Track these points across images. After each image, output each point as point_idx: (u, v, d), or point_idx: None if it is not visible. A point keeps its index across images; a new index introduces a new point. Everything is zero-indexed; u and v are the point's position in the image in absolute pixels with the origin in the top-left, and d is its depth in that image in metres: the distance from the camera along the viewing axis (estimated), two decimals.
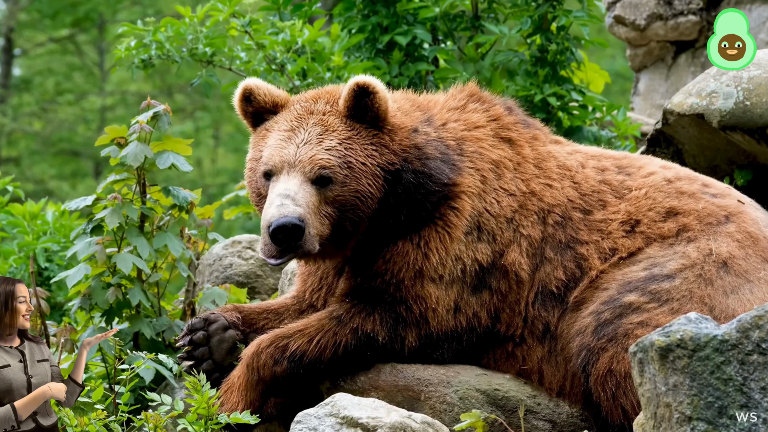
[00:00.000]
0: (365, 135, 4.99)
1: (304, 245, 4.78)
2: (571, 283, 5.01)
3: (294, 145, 4.95)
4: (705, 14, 10.30)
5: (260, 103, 5.17)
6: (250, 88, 5.16)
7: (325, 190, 4.88)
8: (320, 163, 4.88)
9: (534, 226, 5.09)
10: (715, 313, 4.71)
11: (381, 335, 4.96)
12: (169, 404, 4.72)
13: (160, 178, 6.00)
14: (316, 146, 4.92)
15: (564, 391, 4.98)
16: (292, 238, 4.74)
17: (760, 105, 5.84)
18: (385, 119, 5.01)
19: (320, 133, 4.96)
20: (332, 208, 4.89)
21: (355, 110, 5.00)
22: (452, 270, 5.01)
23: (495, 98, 5.40)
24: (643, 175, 5.21)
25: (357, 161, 4.93)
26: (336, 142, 4.94)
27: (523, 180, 5.17)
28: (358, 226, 4.96)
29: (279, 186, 4.86)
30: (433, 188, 5.02)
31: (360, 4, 7.57)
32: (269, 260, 4.83)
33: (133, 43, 7.71)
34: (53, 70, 22.99)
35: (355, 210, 4.93)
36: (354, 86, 4.98)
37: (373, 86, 4.97)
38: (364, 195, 4.92)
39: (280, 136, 5.01)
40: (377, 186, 4.96)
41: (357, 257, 5.11)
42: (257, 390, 4.97)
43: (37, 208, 8.26)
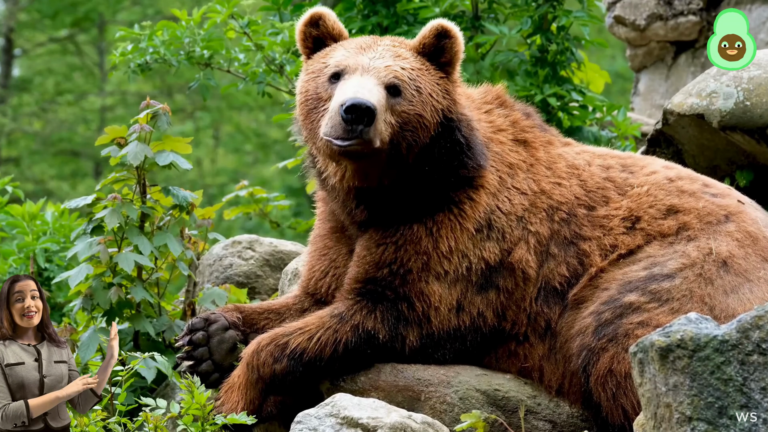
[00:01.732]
0: (434, 73, 5.09)
1: (370, 132, 4.79)
2: (573, 280, 5.03)
3: (367, 57, 5.02)
4: (705, 14, 10.30)
5: (328, 29, 5.23)
6: (321, 13, 5.23)
7: (394, 101, 4.93)
8: (395, 72, 4.97)
9: (542, 223, 5.12)
10: (715, 313, 4.71)
11: (382, 333, 4.97)
12: (164, 408, 4.72)
13: (160, 178, 6.01)
14: (390, 59, 5.02)
15: (563, 390, 4.99)
16: (362, 120, 4.76)
17: (760, 105, 5.84)
18: (455, 68, 5.15)
19: (393, 56, 5.05)
20: (395, 119, 4.93)
21: (431, 49, 5.10)
22: (457, 267, 5.02)
23: (516, 104, 5.49)
24: (646, 174, 5.24)
25: (425, 89, 5.01)
26: (408, 66, 5.03)
27: (535, 180, 5.22)
28: (411, 149, 4.99)
29: (353, 79, 4.91)
30: (470, 163, 5.10)
31: (360, 4, 7.58)
32: (335, 141, 4.82)
33: (129, 47, 7.70)
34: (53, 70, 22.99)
35: (414, 132, 4.97)
36: (437, 25, 5.10)
37: (454, 31, 5.11)
38: (424, 121, 4.98)
39: (351, 51, 5.07)
40: (435, 122, 5.03)
41: (373, 220, 5.11)
42: (257, 388, 4.98)
43: (36, 208, 8.25)
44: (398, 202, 5.08)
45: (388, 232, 5.08)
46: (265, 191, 8.24)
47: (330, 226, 5.42)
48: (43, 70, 23.02)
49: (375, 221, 5.14)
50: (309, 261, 5.45)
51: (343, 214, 5.25)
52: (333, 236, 5.40)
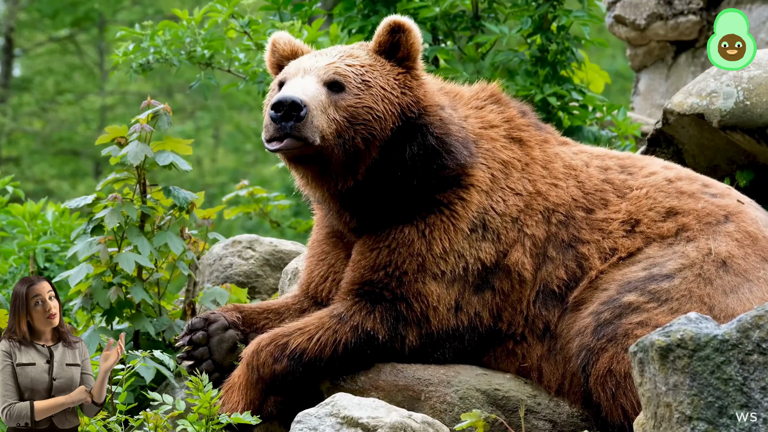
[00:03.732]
0: (390, 69, 5.06)
1: (303, 129, 4.76)
2: (572, 283, 5.02)
3: (312, 61, 5.03)
4: (705, 14, 10.30)
5: (280, 52, 5.27)
6: (274, 41, 5.30)
7: (337, 97, 4.91)
8: (335, 69, 4.95)
9: (538, 226, 5.10)
10: (714, 313, 4.71)
11: (381, 333, 4.97)
12: (170, 404, 4.72)
13: (160, 178, 6.00)
14: (335, 59, 5.01)
15: (563, 390, 4.99)
16: (290, 117, 4.74)
17: (760, 105, 5.84)
18: (415, 61, 5.11)
19: (342, 56, 5.05)
20: (341, 115, 4.90)
21: (386, 46, 5.08)
22: (454, 267, 5.01)
23: (512, 101, 5.44)
24: (645, 175, 5.22)
25: (376, 82, 4.98)
26: (357, 63, 5.02)
27: (530, 180, 5.18)
28: (369, 145, 4.95)
29: (290, 82, 4.93)
30: (449, 164, 5.06)
31: (360, 4, 7.57)
32: (267, 145, 4.83)
33: (131, 47, 7.71)
34: (53, 69, 22.99)
35: (367, 126, 4.93)
36: (390, 21, 5.09)
37: (408, 25, 5.08)
38: (377, 114, 4.94)
39: (301, 60, 5.11)
40: (393, 115, 4.98)
41: (366, 239, 5.09)
42: (257, 388, 4.98)
43: (37, 208, 8.25)
44: (383, 205, 5.07)
45: (380, 236, 5.07)
46: (265, 191, 8.25)
47: (327, 232, 5.42)
48: (43, 69, 23.02)
49: (367, 227, 5.13)
50: (307, 266, 5.45)
51: (335, 220, 5.25)
52: (330, 241, 5.39)
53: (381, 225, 5.08)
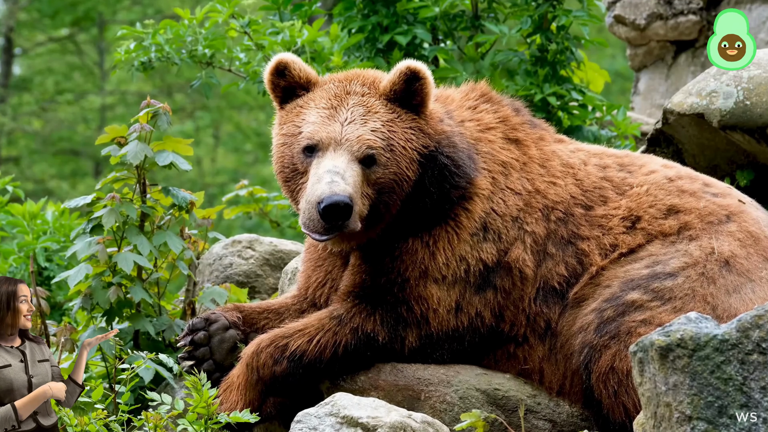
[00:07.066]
0: (405, 119, 5.01)
1: (350, 224, 4.76)
2: (572, 279, 5.02)
3: (338, 123, 4.94)
4: (705, 14, 10.30)
5: (294, 78, 5.10)
6: (285, 62, 5.10)
7: (370, 171, 4.89)
8: (368, 143, 4.89)
9: (538, 223, 5.10)
10: (717, 312, 4.71)
11: (381, 335, 4.97)
12: (169, 404, 4.72)
13: (160, 177, 6.00)
14: (361, 126, 4.92)
15: (564, 390, 4.98)
16: (341, 217, 4.72)
17: (760, 105, 5.84)
18: (427, 104, 5.04)
19: (363, 114, 4.96)
20: (372, 189, 4.90)
21: (400, 93, 5.01)
22: (456, 270, 5.01)
23: (504, 99, 5.42)
24: (645, 173, 5.22)
25: (398, 144, 4.94)
26: (380, 124, 4.95)
27: (529, 179, 5.18)
28: (390, 209, 4.97)
29: (327, 162, 4.84)
30: (459, 182, 5.05)
31: (360, 4, 7.57)
32: (313, 235, 4.81)
33: (132, 45, 7.71)
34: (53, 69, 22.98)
35: (392, 193, 4.94)
36: (406, 70, 4.99)
37: (423, 72, 4.99)
38: (401, 178, 4.94)
39: (322, 114, 4.98)
40: (413, 169, 4.97)
41: (369, 248, 5.10)
42: (257, 389, 4.98)
43: (36, 207, 8.25)
44: (393, 226, 5.07)
45: (383, 245, 5.08)
46: (265, 190, 8.24)
47: None
48: (43, 69, 23.01)
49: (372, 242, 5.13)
50: (305, 270, 5.44)
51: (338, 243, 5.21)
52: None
53: (387, 239, 5.09)
